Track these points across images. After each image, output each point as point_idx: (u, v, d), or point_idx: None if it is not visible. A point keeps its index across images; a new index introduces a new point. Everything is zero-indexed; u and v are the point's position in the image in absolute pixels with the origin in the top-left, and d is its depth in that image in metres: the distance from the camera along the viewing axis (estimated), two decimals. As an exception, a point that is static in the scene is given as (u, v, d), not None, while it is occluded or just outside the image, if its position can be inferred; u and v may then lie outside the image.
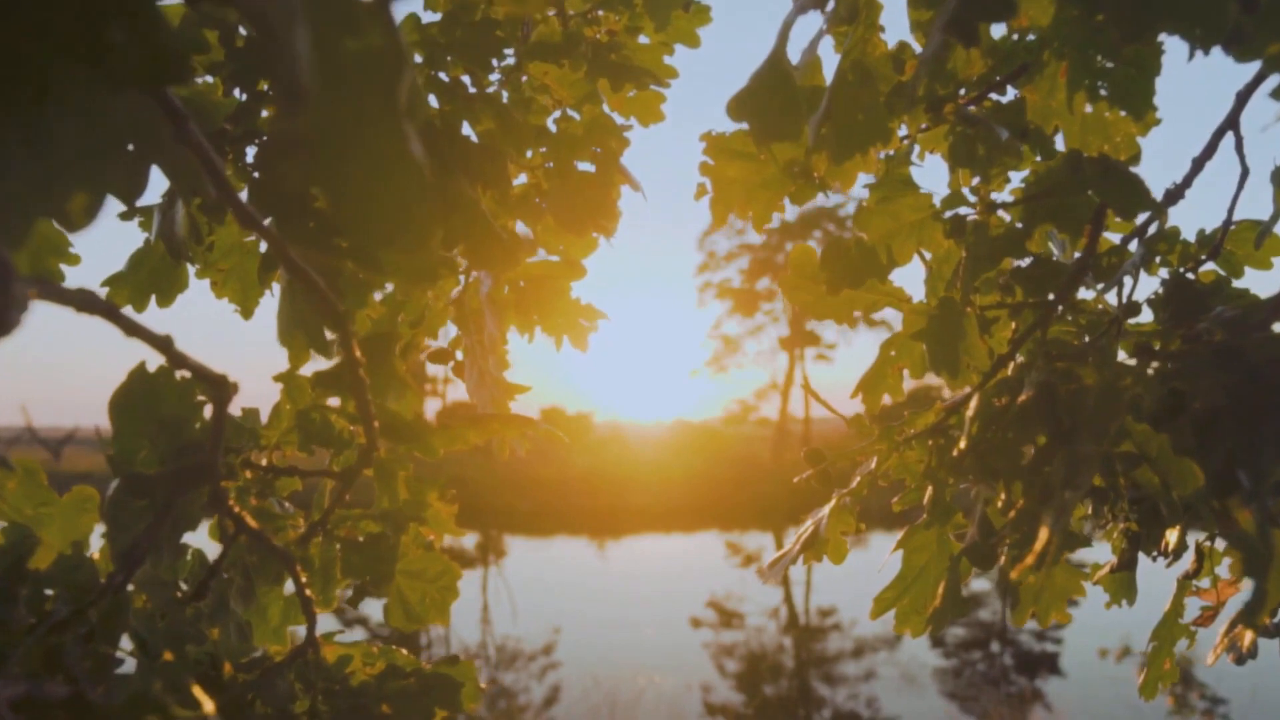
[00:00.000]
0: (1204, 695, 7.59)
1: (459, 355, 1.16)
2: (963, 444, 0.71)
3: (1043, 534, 0.56)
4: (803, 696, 11.98)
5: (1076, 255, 0.86)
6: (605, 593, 18.30)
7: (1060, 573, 0.81)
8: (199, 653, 0.68)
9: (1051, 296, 0.80)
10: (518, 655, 13.81)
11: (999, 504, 0.73)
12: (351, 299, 0.82)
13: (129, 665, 0.66)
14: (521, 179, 1.26)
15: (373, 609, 17.60)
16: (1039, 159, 0.81)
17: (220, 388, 0.58)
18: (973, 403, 0.73)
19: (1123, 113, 0.77)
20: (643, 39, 1.23)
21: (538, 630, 14.88)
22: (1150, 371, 0.69)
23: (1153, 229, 0.88)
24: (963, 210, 0.81)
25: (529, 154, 1.26)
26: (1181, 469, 0.60)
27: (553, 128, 1.15)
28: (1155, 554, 0.98)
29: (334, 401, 0.74)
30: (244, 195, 0.87)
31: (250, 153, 0.90)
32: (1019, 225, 0.81)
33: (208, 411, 0.78)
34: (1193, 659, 7.67)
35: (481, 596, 18.32)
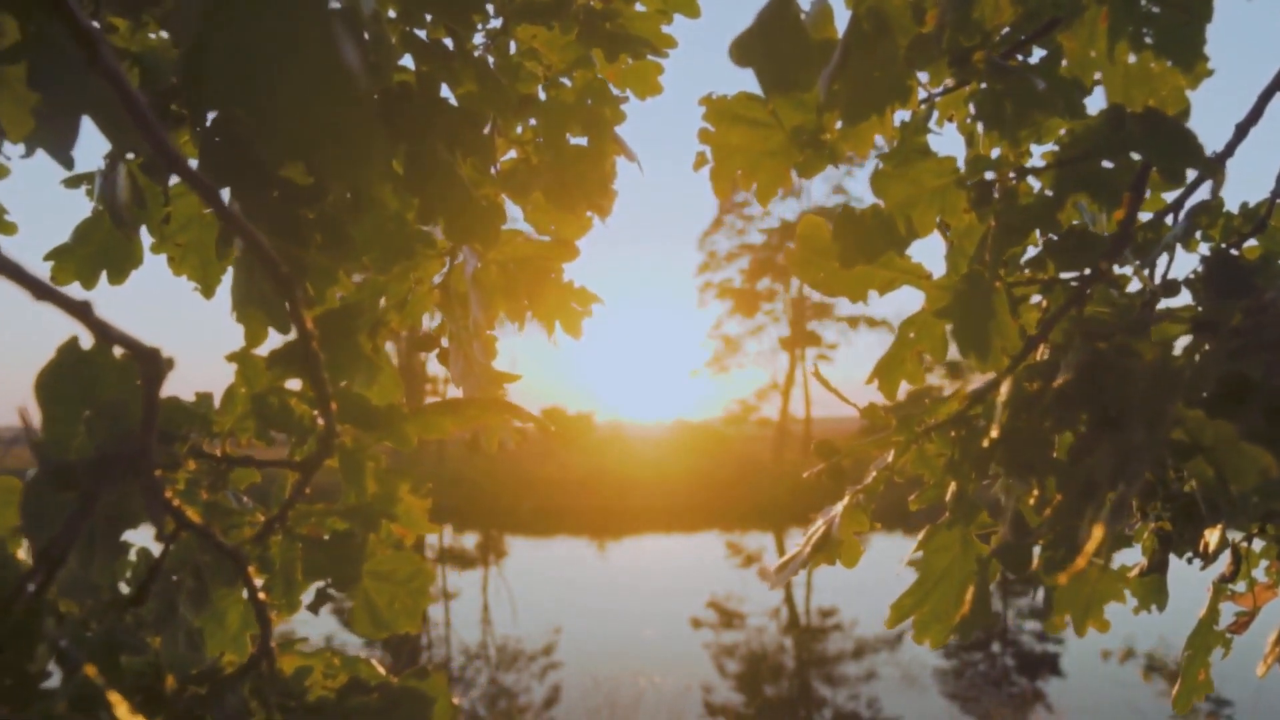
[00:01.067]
0: (1208, 697, 7.49)
1: (444, 342, 1.08)
2: (994, 433, 0.64)
3: (1096, 532, 0.49)
4: (804, 697, 11.91)
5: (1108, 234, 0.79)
6: (606, 593, 18.22)
7: (1098, 576, 0.73)
8: (141, 664, 0.60)
9: (1088, 272, 0.73)
10: (518, 655, 13.75)
11: (1031, 501, 0.65)
12: (320, 277, 0.74)
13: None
14: (510, 156, 1.18)
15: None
16: (1072, 119, 0.73)
17: (151, 363, 0.50)
18: (1004, 388, 0.66)
19: (1170, 64, 0.69)
20: (639, 6, 1.16)
21: (538, 630, 14.81)
22: (1202, 352, 0.62)
23: (1193, 200, 0.81)
24: (989, 176, 0.74)
25: (519, 129, 1.18)
26: (1246, 459, 0.52)
27: (543, 96, 1.07)
28: (1190, 556, 0.91)
29: (294, 384, 0.66)
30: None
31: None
32: (1050, 194, 0.73)
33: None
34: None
35: (482, 597, 18.25)
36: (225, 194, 0.78)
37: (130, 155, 0.79)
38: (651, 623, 15.44)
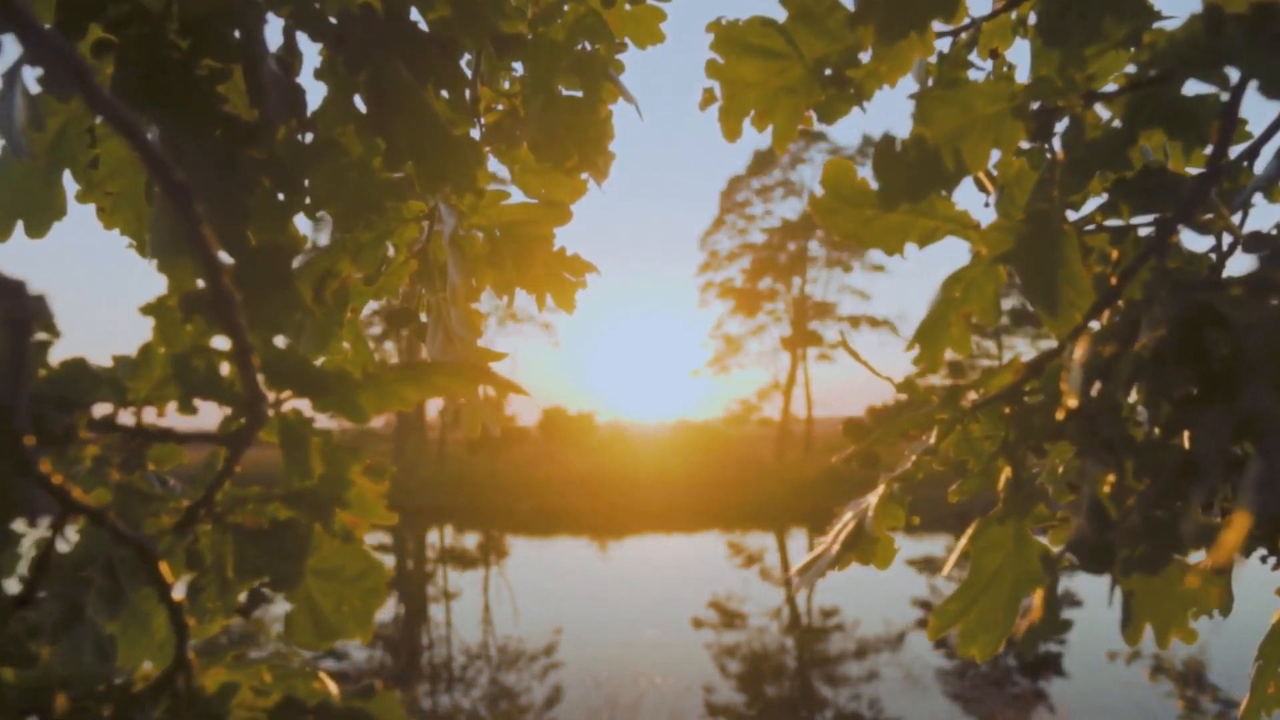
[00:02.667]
0: (1216, 698, 7.38)
1: (422, 317, 0.96)
2: (1072, 402, 0.52)
3: (1240, 521, 0.38)
4: (805, 698, 11.80)
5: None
6: (606, 593, 18.12)
7: (1180, 576, 0.61)
8: (31, 679, 0.49)
9: (1168, 216, 0.61)
10: (519, 655, 13.65)
11: (1106, 486, 0.54)
12: (267, 229, 0.63)
13: None
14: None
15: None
16: (1151, 30, 0.61)
17: (14, 299, 0.39)
18: (1078, 350, 0.54)
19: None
20: (640, -56, 1.04)
21: (539, 631, 14.71)
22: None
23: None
24: (1051, 103, 0.62)
25: (505, 84, 1.07)
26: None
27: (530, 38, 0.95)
28: (1265, 555, 0.79)
29: (223, 342, 0.55)
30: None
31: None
32: (1120, 125, 0.61)
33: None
34: (1205, 661, 7.46)
35: (483, 597, 18.14)
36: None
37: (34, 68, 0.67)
38: (653, 623, 15.34)
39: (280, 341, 0.53)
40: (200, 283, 0.52)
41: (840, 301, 41.78)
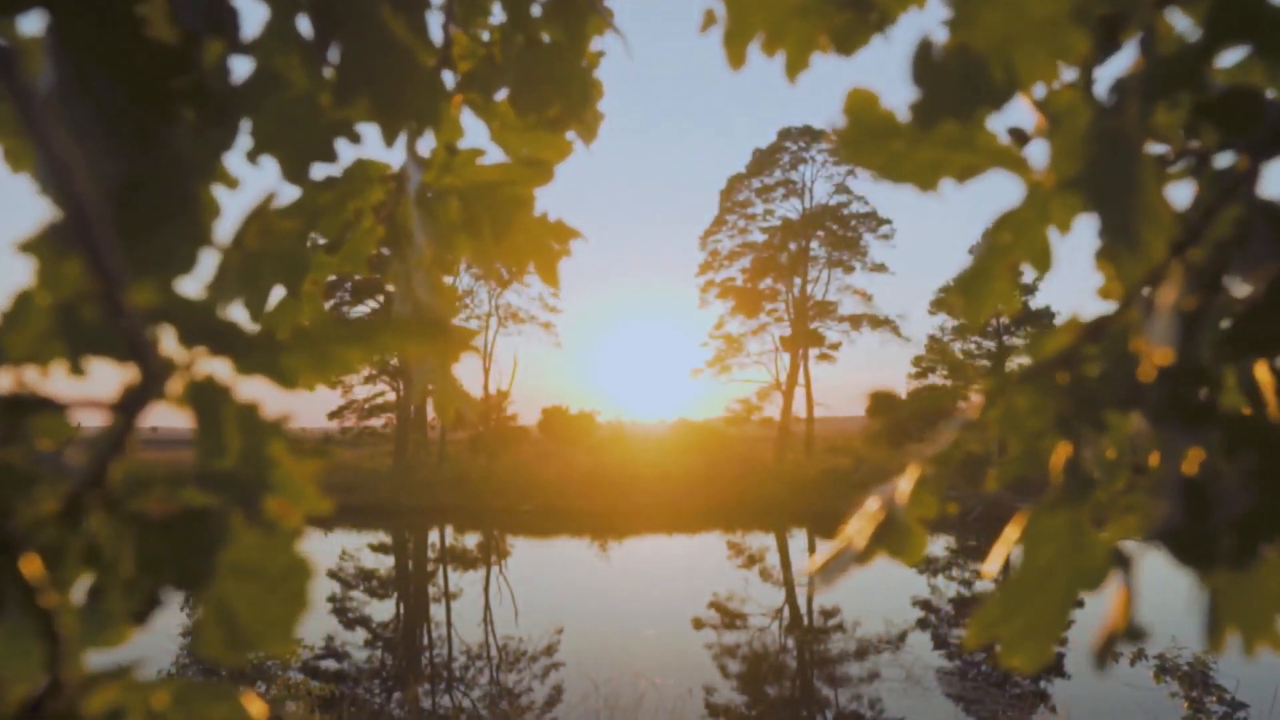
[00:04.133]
0: (1222, 700, 7.28)
1: (389, 288, 0.86)
2: (1157, 361, 0.41)
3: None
4: (805, 698, 11.71)
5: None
6: (607, 593, 18.05)
7: (1274, 572, 0.51)
8: None
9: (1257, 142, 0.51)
10: (519, 656, 13.58)
11: (1195, 464, 0.44)
12: (196, 164, 0.52)
13: None
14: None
15: (379, 609, 17.46)
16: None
17: None
18: (1164, 296, 0.44)
19: None
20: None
21: (539, 631, 14.64)
22: None
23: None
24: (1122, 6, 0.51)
25: (485, 36, 0.96)
26: None
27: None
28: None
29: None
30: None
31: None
32: (1199, 38, 0.51)
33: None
34: (1210, 662, 7.36)
35: (483, 597, 18.08)
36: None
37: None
38: (653, 623, 15.26)
39: (191, 290, 0.42)
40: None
41: (841, 301, 41.69)
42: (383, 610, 17.53)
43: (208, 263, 0.50)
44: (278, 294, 0.70)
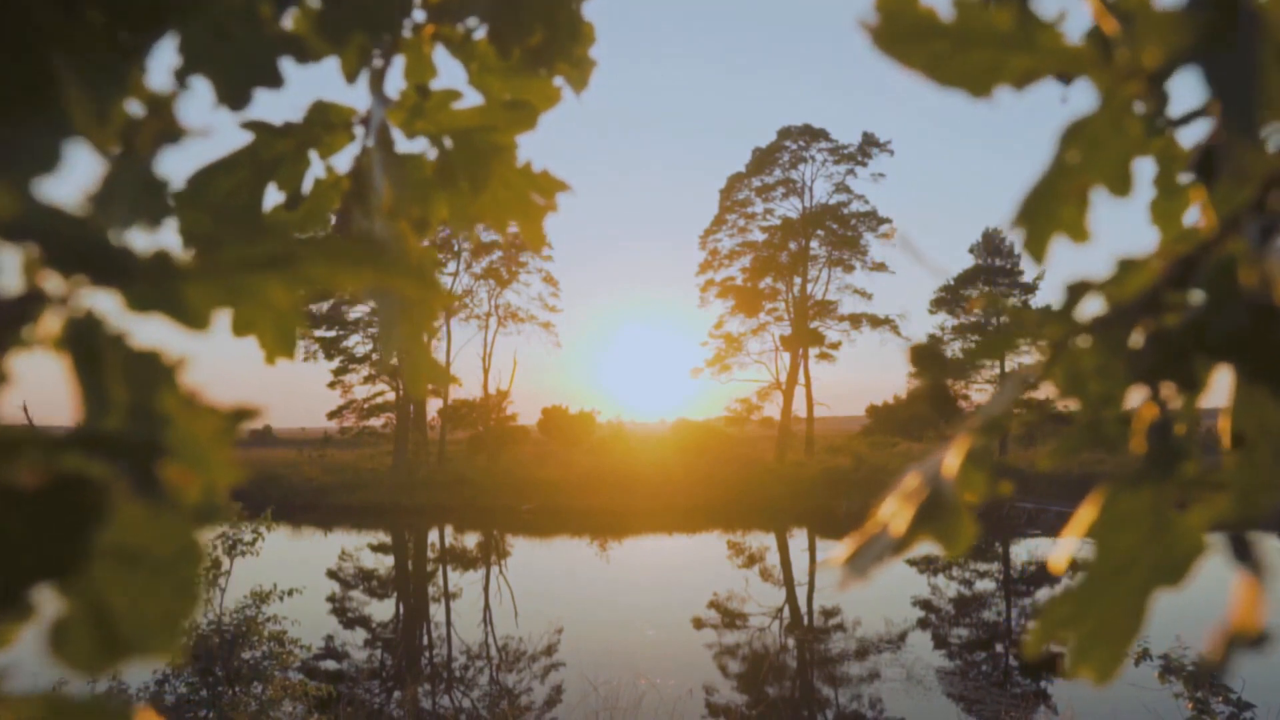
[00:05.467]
0: (1228, 700, 7.20)
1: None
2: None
3: None
4: (806, 698, 11.66)
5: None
6: (607, 593, 17.99)
7: None
8: None
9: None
10: (519, 656, 13.52)
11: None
12: (102, 80, 0.45)
13: None
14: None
15: (379, 609, 17.39)
16: None
17: None
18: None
19: None
20: None
21: (539, 631, 14.59)
22: None
23: None
24: None
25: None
26: None
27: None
28: None
29: None
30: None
31: None
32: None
33: None
34: (1215, 662, 7.27)
35: (483, 597, 18.02)
36: None
37: None
38: (653, 623, 15.20)
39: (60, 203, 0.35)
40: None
41: (841, 300, 41.60)
42: (382, 610, 17.46)
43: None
44: None
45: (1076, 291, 0.40)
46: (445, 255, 40.61)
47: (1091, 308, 0.40)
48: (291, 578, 7.69)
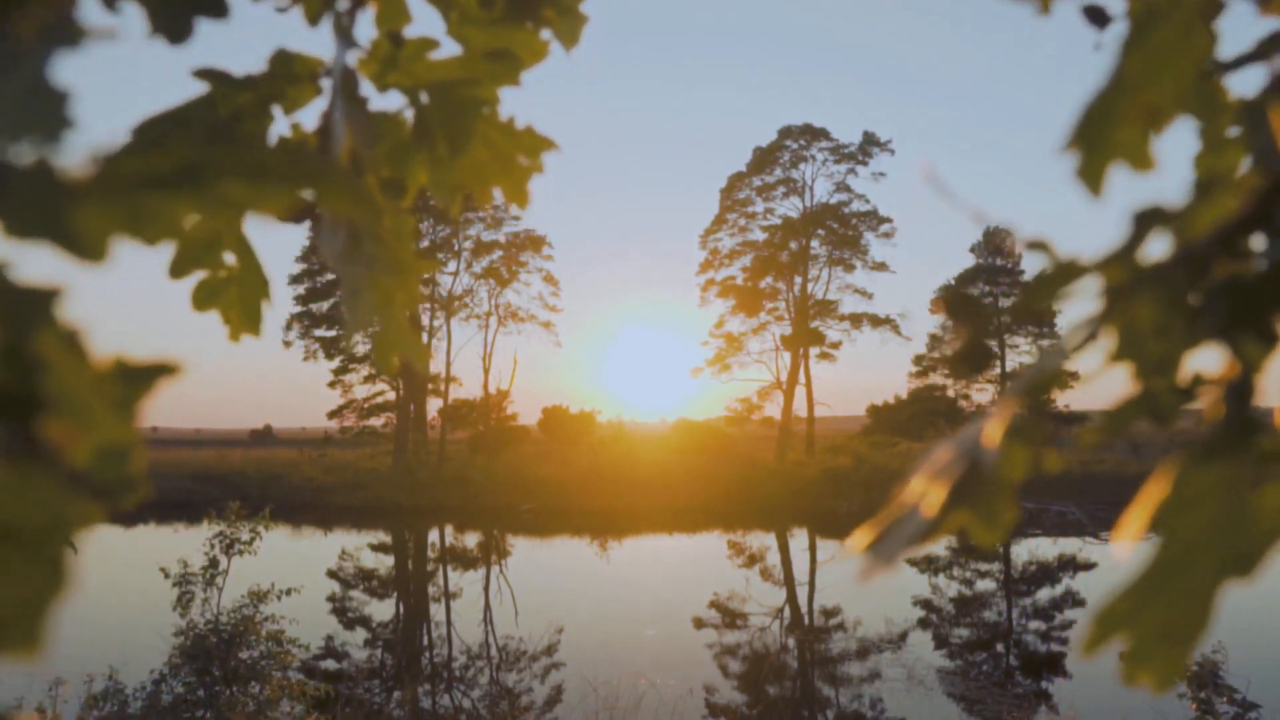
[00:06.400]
0: (1232, 700, 7.14)
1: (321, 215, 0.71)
2: None
3: None
4: (806, 698, 11.60)
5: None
6: (607, 593, 17.93)
7: None
8: None
9: None
10: (520, 655, 13.47)
11: None
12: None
13: None
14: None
15: (379, 608, 17.34)
16: None
17: None
18: None
19: None
20: None
21: (539, 631, 14.53)
22: None
23: None
24: None
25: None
26: None
27: None
28: None
29: None
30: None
31: None
32: None
33: None
34: (1220, 661, 7.24)
35: (483, 597, 17.96)
36: None
37: None
38: (653, 623, 15.15)
39: None
40: None
41: (841, 300, 41.52)
42: (382, 610, 17.41)
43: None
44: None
45: (1144, 223, 0.35)
46: (445, 255, 40.57)
47: (1156, 250, 0.34)
48: (292, 577, 7.64)
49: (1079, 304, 0.36)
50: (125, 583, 17.49)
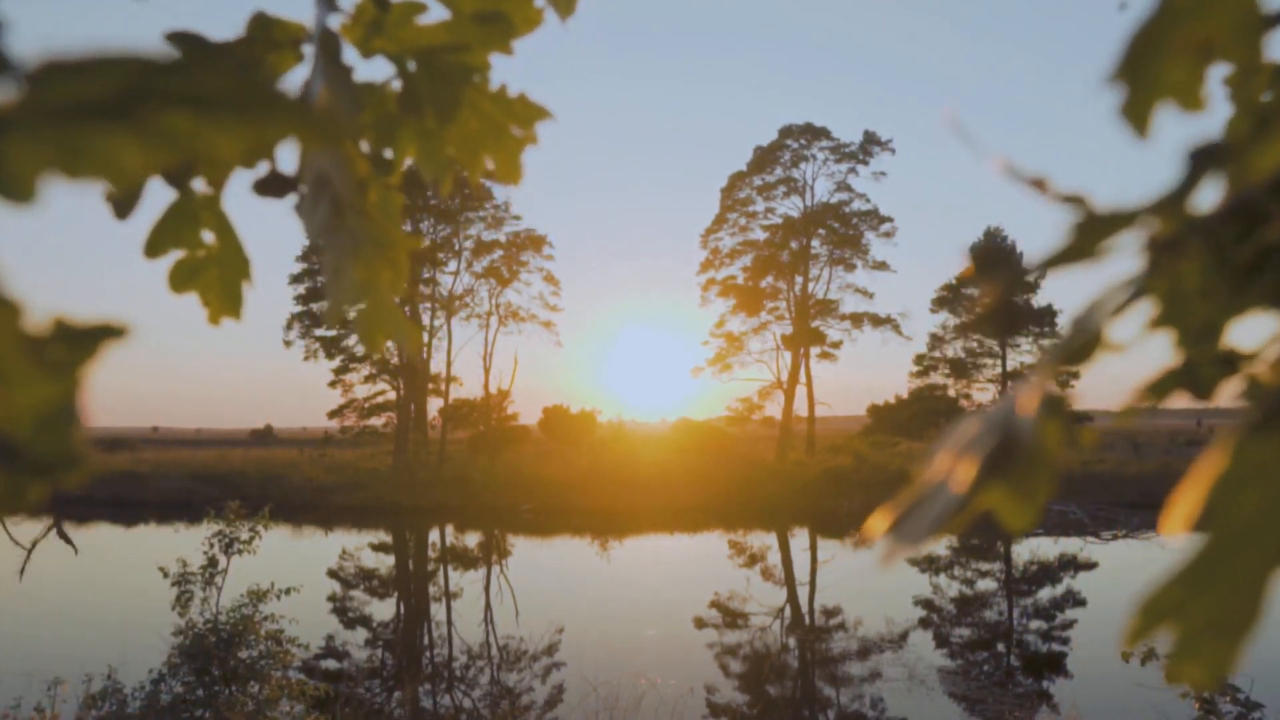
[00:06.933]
0: (1236, 700, 7.11)
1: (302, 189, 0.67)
2: None
3: None
4: (807, 698, 11.57)
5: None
6: (607, 593, 17.91)
7: None
8: None
9: None
10: (520, 655, 13.45)
11: None
12: None
13: None
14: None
15: (379, 608, 17.28)
16: None
17: None
18: None
19: None
20: None
21: (539, 630, 14.51)
22: None
23: None
24: None
25: None
26: None
27: None
28: None
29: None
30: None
31: None
32: None
33: None
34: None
35: (483, 596, 17.94)
36: None
37: None
38: (653, 623, 15.13)
39: None
40: None
41: (842, 299, 41.48)
42: (383, 609, 17.39)
43: None
44: (163, 197, 0.55)
45: (1199, 163, 0.32)
46: (446, 254, 40.54)
47: (1207, 199, 0.31)
48: (292, 577, 7.62)
49: (1113, 262, 0.32)
50: (125, 582, 17.47)
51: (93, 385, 0.26)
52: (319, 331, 40.99)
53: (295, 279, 41.12)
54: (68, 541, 9.25)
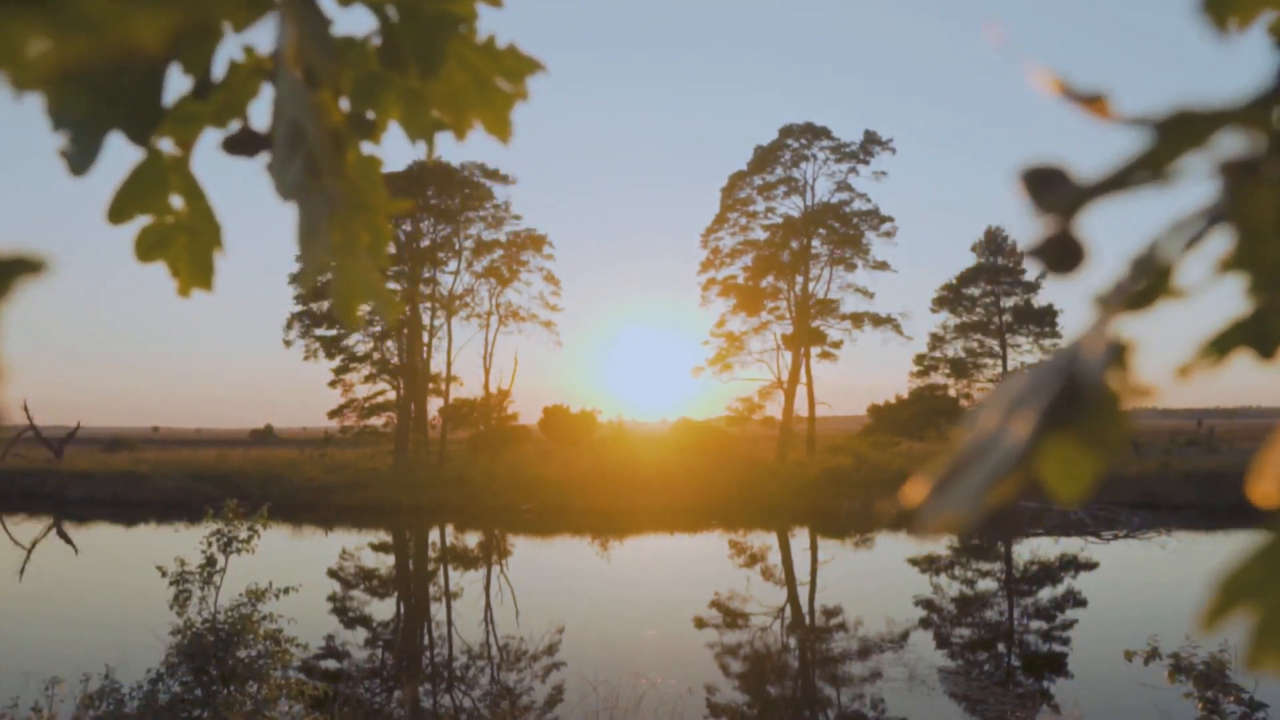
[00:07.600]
0: (1239, 700, 7.07)
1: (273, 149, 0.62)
2: None
3: None
4: (807, 698, 11.54)
5: None
6: (607, 593, 17.88)
7: None
8: None
9: None
10: (520, 655, 13.42)
11: None
12: None
13: None
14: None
15: (379, 608, 17.24)
16: None
17: None
18: None
19: None
20: None
21: (539, 630, 14.47)
22: None
23: None
24: None
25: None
26: None
27: None
28: None
29: None
30: None
31: None
32: None
33: None
34: (1226, 660, 7.17)
35: (483, 596, 17.90)
36: None
37: None
38: (653, 623, 15.09)
39: None
40: None
41: (843, 299, 41.43)
42: (383, 609, 17.35)
43: None
44: (128, 157, 0.52)
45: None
46: (446, 254, 40.51)
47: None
48: (292, 577, 7.58)
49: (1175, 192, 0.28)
50: (124, 582, 17.43)
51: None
52: (319, 331, 40.96)
53: (295, 278, 41.08)
54: (68, 541, 9.21)
